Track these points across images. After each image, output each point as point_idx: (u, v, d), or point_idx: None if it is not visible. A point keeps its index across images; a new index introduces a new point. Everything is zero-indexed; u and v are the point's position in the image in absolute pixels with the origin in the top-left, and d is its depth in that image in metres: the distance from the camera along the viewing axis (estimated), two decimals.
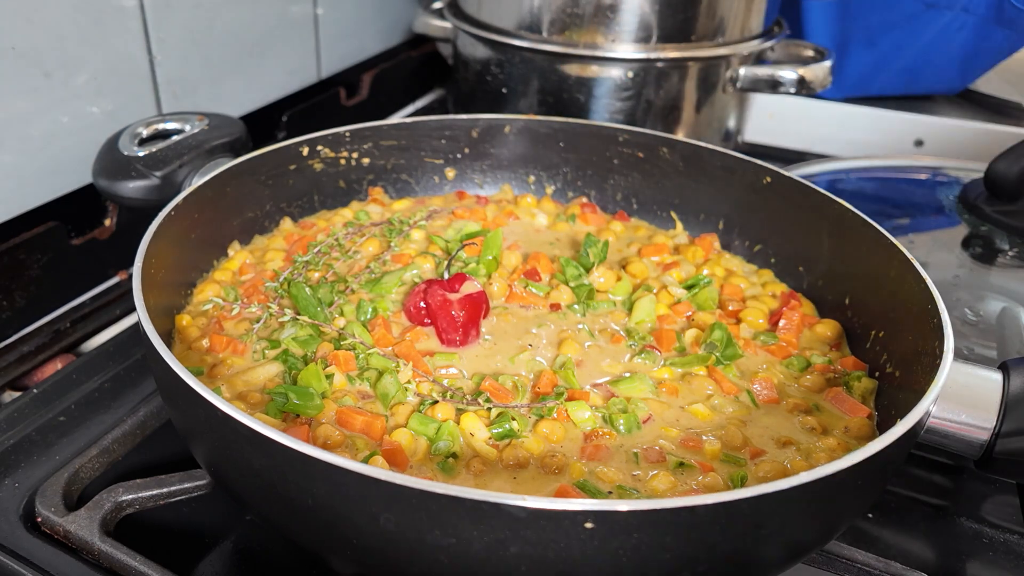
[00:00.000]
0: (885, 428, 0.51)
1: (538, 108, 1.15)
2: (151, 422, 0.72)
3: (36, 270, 0.88)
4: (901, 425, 0.49)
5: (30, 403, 0.73)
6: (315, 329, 0.68)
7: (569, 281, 0.77)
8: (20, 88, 0.83)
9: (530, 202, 0.93)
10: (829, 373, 0.68)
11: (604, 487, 0.55)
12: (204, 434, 0.53)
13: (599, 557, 0.44)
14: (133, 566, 0.57)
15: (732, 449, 0.59)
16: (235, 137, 0.85)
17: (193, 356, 0.67)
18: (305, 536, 0.52)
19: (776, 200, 0.82)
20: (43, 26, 0.83)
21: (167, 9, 0.96)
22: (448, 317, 0.69)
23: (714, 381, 0.66)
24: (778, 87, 1.13)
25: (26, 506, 0.63)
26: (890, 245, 0.68)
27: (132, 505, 0.62)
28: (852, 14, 1.37)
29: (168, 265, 0.68)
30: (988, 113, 1.42)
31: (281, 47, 1.17)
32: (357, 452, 0.58)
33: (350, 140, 0.89)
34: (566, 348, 0.69)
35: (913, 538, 0.68)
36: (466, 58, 1.22)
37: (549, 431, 0.59)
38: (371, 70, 1.38)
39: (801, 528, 0.48)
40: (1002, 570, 0.65)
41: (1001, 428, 0.54)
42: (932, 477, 0.74)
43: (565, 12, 1.08)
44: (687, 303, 0.75)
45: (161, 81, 0.99)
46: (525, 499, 0.41)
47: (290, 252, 0.80)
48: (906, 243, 0.69)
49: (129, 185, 0.78)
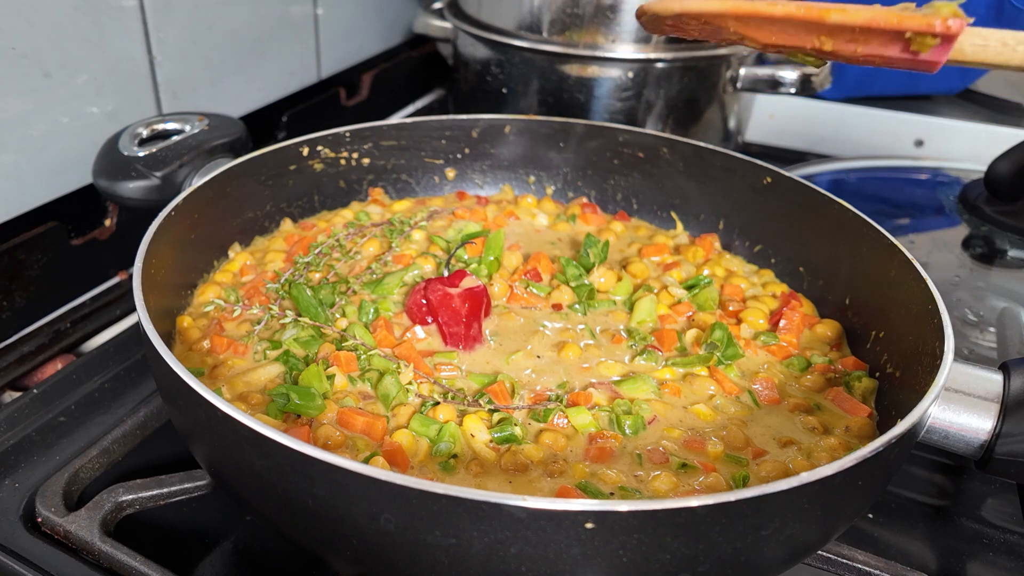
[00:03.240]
0: (886, 428, 0.51)
1: (538, 108, 1.15)
2: (151, 422, 0.72)
3: (36, 270, 0.88)
4: (901, 425, 0.49)
5: (30, 403, 0.73)
6: (316, 330, 0.68)
7: (570, 281, 0.77)
8: (20, 88, 0.83)
9: (530, 202, 0.93)
10: (829, 373, 0.68)
11: (606, 488, 0.55)
12: (204, 434, 0.53)
13: (599, 557, 0.44)
14: (133, 566, 0.57)
15: (734, 449, 0.59)
16: (235, 137, 0.85)
17: (194, 357, 0.67)
18: (305, 536, 0.52)
19: (776, 200, 0.82)
20: (43, 26, 0.83)
21: (167, 9, 0.96)
22: (450, 310, 0.69)
23: (715, 381, 0.66)
24: (778, 87, 1.14)
25: (26, 506, 0.63)
26: (890, 245, 0.68)
27: (132, 505, 0.62)
28: None
29: (168, 265, 0.68)
30: (988, 113, 1.42)
31: (281, 47, 1.17)
32: (358, 453, 0.58)
33: (350, 140, 0.89)
34: (568, 350, 0.69)
35: (913, 538, 0.68)
36: (466, 58, 1.22)
37: (551, 441, 0.59)
38: (371, 70, 1.38)
39: (801, 528, 0.48)
40: (1002, 570, 0.65)
41: (1001, 428, 0.54)
42: (932, 477, 0.74)
43: (565, 12, 1.08)
44: (687, 303, 0.75)
45: (161, 81, 0.99)
46: (525, 499, 0.41)
47: (291, 253, 0.80)
48: (906, 243, 0.69)
49: (129, 185, 0.78)
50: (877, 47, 0.55)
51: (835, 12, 0.56)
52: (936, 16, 0.51)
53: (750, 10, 0.60)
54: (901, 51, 0.53)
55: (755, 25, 0.60)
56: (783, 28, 0.58)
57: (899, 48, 0.53)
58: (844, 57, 0.57)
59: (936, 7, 0.52)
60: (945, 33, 0.51)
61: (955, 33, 0.51)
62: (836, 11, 0.56)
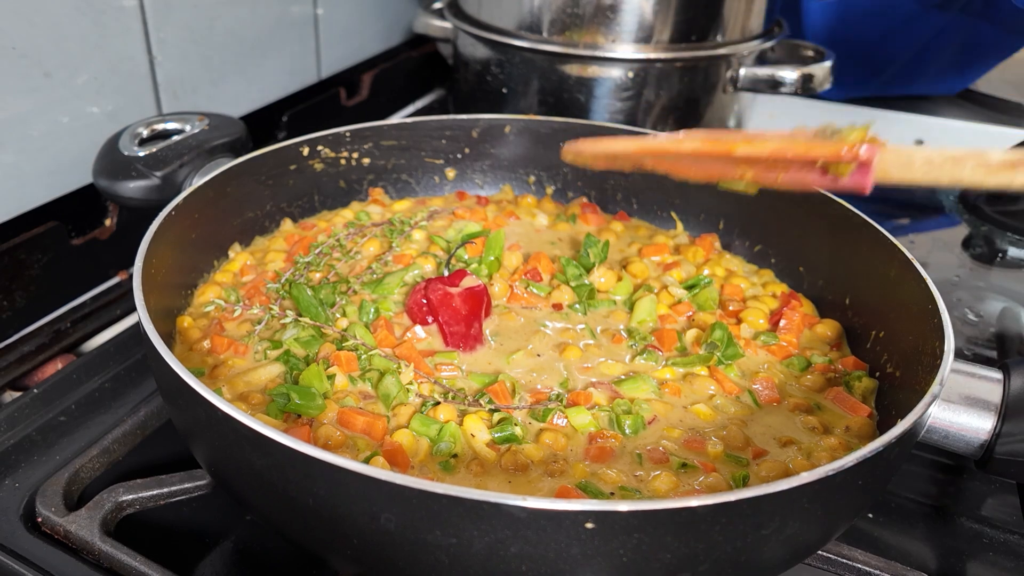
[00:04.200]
0: (886, 428, 0.51)
1: (538, 108, 1.15)
2: (151, 422, 0.72)
3: (36, 270, 0.88)
4: (901, 425, 0.49)
5: (30, 403, 0.73)
6: (317, 330, 0.68)
7: (570, 281, 0.77)
8: (20, 88, 0.83)
9: (530, 202, 0.93)
10: (830, 373, 0.69)
11: (606, 488, 0.55)
12: (205, 434, 0.53)
13: (600, 557, 0.44)
14: (133, 566, 0.57)
15: (734, 449, 0.60)
16: (235, 137, 0.85)
17: (194, 357, 0.67)
18: (305, 536, 0.52)
19: (776, 200, 0.82)
20: (43, 26, 0.83)
21: (167, 9, 0.96)
22: (450, 310, 0.69)
23: (716, 381, 0.66)
24: (778, 87, 1.13)
25: (26, 506, 0.63)
26: (890, 245, 0.68)
27: (132, 505, 0.62)
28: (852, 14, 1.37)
29: (168, 265, 0.68)
30: (988, 113, 1.42)
31: (281, 47, 1.17)
32: (358, 453, 0.58)
33: (350, 140, 0.89)
34: (568, 350, 0.69)
35: (913, 538, 0.68)
36: (466, 58, 1.22)
37: (552, 441, 0.59)
38: (371, 70, 1.38)
39: (802, 528, 0.48)
40: (1002, 570, 0.65)
41: (1001, 428, 0.54)
42: (932, 477, 0.74)
43: (565, 12, 1.08)
44: (688, 303, 0.75)
45: (161, 81, 0.99)
46: (526, 499, 0.41)
47: (291, 253, 0.80)
48: (906, 243, 0.69)
49: (129, 185, 0.78)
50: (796, 174, 0.55)
51: (741, 145, 0.56)
52: (843, 144, 0.52)
53: (660, 148, 0.61)
54: (821, 177, 0.54)
55: (671, 162, 0.62)
56: (699, 163, 0.60)
57: (818, 174, 0.54)
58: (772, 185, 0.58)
59: (844, 133, 0.52)
60: (855, 160, 0.51)
61: (867, 159, 0.51)
62: (743, 144, 0.56)
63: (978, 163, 0.48)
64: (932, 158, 0.50)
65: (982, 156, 0.48)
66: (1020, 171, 0.46)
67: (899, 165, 0.51)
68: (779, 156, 0.55)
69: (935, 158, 0.50)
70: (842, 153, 0.52)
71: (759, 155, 0.55)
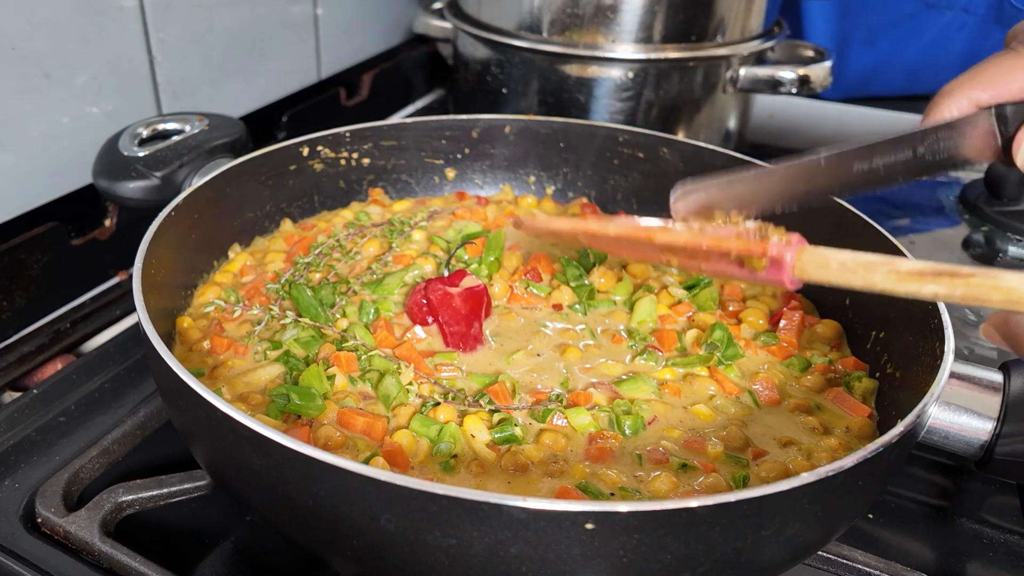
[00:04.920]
0: (886, 428, 0.51)
1: (538, 108, 1.15)
2: (151, 422, 0.72)
3: (36, 270, 0.88)
4: (901, 425, 0.49)
5: (30, 403, 0.73)
6: (317, 331, 0.68)
7: (570, 281, 0.77)
8: (20, 88, 0.83)
9: (530, 203, 0.93)
10: (830, 373, 0.68)
11: (606, 489, 0.55)
12: (204, 435, 0.53)
13: (600, 558, 0.44)
14: (133, 567, 0.57)
15: (734, 450, 0.59)
16: (235, 137, 0.85)
17: (194, 358, 0.67)
18: (305, 536, 0.52)
19: None
20: (43, 26, 0.83)
21: (167, 9, 0.96)
22: (450, 310, 0.69)
23: (715, 381, 0.66)
24: (778, 87, 1.13)
25: (26, 506, 0.63)
26: (890, 245, 0.68)
27: (132, 505, 0.62)
28: (852, 14, 1.37)
29: (168, 265, 0.68)
30: None
31: (281, 47, 1.17)
32: (358, 453, 0.58)
33: (350, 140, 0.89)
34: (568, 350, 0.69)
35: (913, 538, 0.68)
36: (466, 58, 1.22)
37: (552, 442, 0.59)
38: (371, 70, 1.38)
39: (802, 528, 0.48)
40: (1002, 570, 0.65)
41: (1001, 429, 0.54)
42: (932, 477, 0.74)
43: (565, 12, 1.08)
44: (687, 303, 0.75)
45: (161, 81, 0.99)
46: (526, 500, 0.41)
47: (291, 253, 0.80)
48: (906, 243, 0.69)
49: (129, 185, 0.78)
50: (717, 265, 0.56)
51: (660, 232, 0.58)
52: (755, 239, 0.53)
53: (590, 230, 0.64)
54: (739, 270, 0.55)
55: (603, 243, 0.65)
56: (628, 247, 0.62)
57: (736, 267, 0.55)
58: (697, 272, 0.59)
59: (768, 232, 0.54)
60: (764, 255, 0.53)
61: (778, 256, 0.52)
62: (662, 231, 0.58)
63: (889, 270, 0.48)
64: (847, 263, 0.51)
65: (893, 264, 0.48)
66: (927, 282, 0.47)
67: (816, 266, 0.52)
68: (695, 246, 0.56)
69: (849, 263, 0.51)
70: (751, 248, 0.53)
71: (676, 243, 0.58)
